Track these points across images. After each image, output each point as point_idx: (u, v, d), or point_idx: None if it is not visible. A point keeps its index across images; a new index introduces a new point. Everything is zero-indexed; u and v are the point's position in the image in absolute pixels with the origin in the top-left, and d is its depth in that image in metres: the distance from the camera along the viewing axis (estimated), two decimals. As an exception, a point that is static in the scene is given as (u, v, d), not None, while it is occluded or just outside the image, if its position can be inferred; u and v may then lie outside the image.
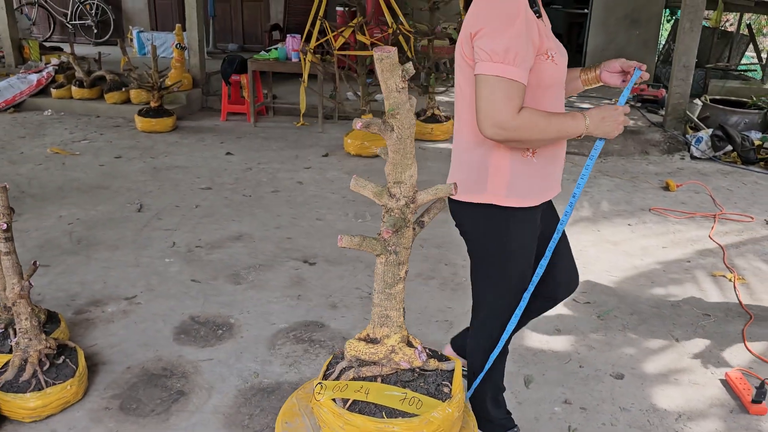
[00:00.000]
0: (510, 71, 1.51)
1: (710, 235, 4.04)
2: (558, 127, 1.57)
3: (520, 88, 1.53)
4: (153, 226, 4.00)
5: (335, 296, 3.18)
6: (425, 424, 1.41)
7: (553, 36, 1.69)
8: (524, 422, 2.30)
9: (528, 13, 1.55)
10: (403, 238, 1.46)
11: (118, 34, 10.17)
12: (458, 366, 1.59)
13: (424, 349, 1.58)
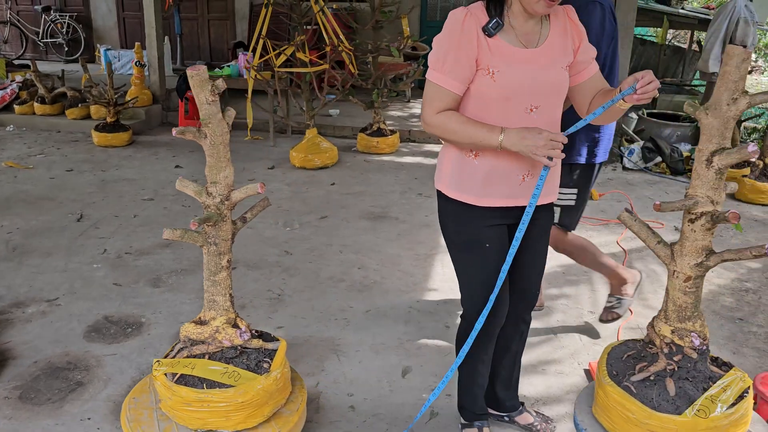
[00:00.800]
0: (437, 77, 1.79)
1: (618, 240, 4.28)
2: (471, 134, 1.78)
3: (444, 92, 1.81)
4: (88, 235, 4.20)
5: (246, 297, 3.39)
6: (240, 393, 1.62)
7: (529, 57, 1.79)
8: (391, 407, 2.51)
9: (468, 31, 1.77)
10: (221, 231, 1.68)
11: (88, 52, 10.41)
12: (282, 346, 1.80)
13: (249, 330, 1.79)
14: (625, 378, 1.71)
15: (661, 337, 1.69)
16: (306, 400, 1.87)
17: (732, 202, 5.16)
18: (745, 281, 3.70)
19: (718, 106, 1.49)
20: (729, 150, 1.55)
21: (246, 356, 1.72)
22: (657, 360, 1.69)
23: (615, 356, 1.77)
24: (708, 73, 5.55)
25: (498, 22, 1.78)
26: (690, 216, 1.60)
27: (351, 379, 2.68)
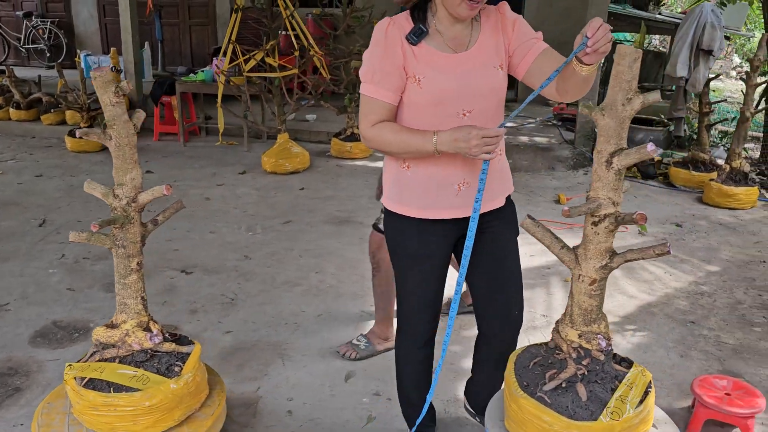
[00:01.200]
0: (369, 89, 1.78)
1: (580, 244, 4.29)
2: (406, 142, 1.74)
3: (377, 104, 1.78)
4: (49, 240, 4.18)
5: (198, 302, 3.38)
6: (147, 397, 1.61)
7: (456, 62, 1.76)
8: (330, 411, 2.50)
9: (391, 40, 1.74)
10: (129, 233, 1.68)
11: (70, 58, 10.39)
12: (196, 349, 1.79)
13: (162, 333, 1.78)
14: (537, 388, 1.70)
15: (568, 342, 1.68)
16: (224, 403, 1.86)
17: (699, 205, 5.18)
18: (702, 284, 3.71)
19: (613, 107, 1.50)
20: (628, 150, 1.55)
21: (157, 360, 1.72)
22: (566, 366, 1.68)
23: (521, 365, 1.74)
24: (675, 77, 5.56)
25: (420, 29, 1.75)
26: (593, 219, 1.59)
27: (293, 384, 2.67)
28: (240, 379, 2.70)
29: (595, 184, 1.56)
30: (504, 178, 2.00)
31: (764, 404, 2.34)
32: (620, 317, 3.31)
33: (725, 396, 2.37)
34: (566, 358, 1.69)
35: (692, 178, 5.54)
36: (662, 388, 2.70)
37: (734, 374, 2.80)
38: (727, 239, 4.44)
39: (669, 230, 4.60)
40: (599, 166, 1.54)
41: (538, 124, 7.74)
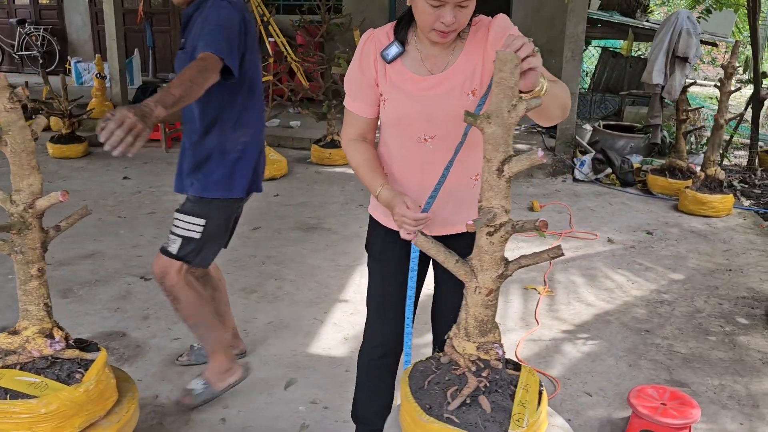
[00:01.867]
0: (347, 101, 1.80)
1: (546, 251, 4.25)
2: (362, 175, 1.78)
3: (354, 117, 1.79)
4: (14, 246, 4.19)
5: (152, 309, 3.37)
6: (44, 404, 1.60)
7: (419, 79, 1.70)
8: (264, 420, 2.48)
9: (366, 55, 1.73)
10: (28, 239, 1.68)
11: (63, 64, 10.47)
12: (101, 356, 1.78)
13: (65, 340, 1.78)
14: (442, 409, 1.64)
15: (466, 356, 1.65)
16: (134, 411, 1.84)
17: (674, 213, 5.15)
18: (663, 293, 3.67)
19: (499, 114, 1.47)
20: (518, 157, 1.53)
21: (58, 367, 1.71)
22: (467, 380, 1.65)
23: (416, 386, 1.68)
24: (652, 84, 5.54)
25: (396, 46, 1.70)
26: (488, 229, 1.57)
27: (231, 392, 2.65)
28: (179, 386, 2.68)
29: (487, 194, 1.54)
30: (472, 204, 1.82)
31: (698, 415, 2.30)
32: (574, 325, 3.28)
33: (660, 406, 2.34)
34: (465, 373, 1.66)
35: (669, 186, 5.51)
36: (605, 398, 2.67)
37: (680, 384, 2.77)
38: (696, 247, 4.40)
39: (639, 238, 4.57)
40: (490, 175, 1.52)
41: (522, 131, 7.72)
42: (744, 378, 2.83)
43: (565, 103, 1.64)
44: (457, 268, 1.63)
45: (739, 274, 3.94)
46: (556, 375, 2.82)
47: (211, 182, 2.33)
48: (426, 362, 1.72)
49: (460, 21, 1.60)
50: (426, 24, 1.60)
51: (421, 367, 1.70)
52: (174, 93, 1.82)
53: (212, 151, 2.31)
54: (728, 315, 3.42)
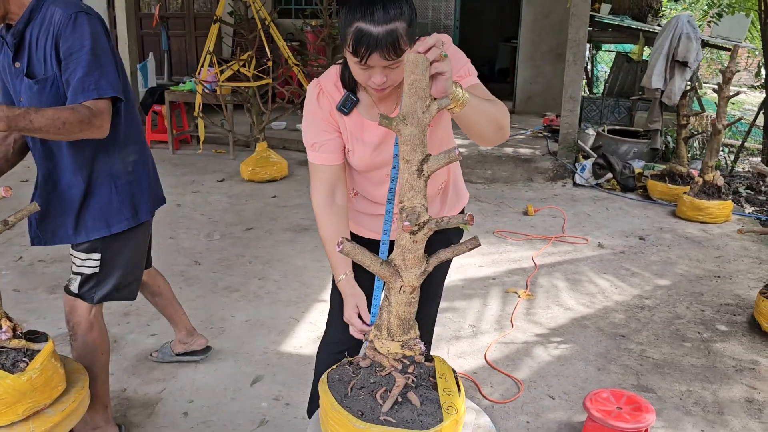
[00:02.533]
0: (310, 155, 1.75)
1: (534, 256, 4.25)
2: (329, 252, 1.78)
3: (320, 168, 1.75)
4: (12, 242, 4.32)
5: (134, 305, 3.44)
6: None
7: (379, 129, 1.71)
8: (225, 414, 2.54)
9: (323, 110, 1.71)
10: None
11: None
12: (47, 347, 1.85)
13: (12, 330, 1.85)
14: (376, 412, 1.66)
15: (392, 355, 1.67)
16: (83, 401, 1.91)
17: (671, 219, 5.09)
18: (646, 298, 3.64)
19: (414, 115, 1.50)
20: (435, 156, 1.55)
21: (4, 356, 1.78)
22: (394, 379, 1.68)
23: (340, 395, 1.68)
24: (651, 89, 5.49)
25: (350, 98, 1.70)
26: (414, 228, 1.59)
27: (198, 387, 2.72)
28: (148, 381, 2.76)
29: (408, 193, 1.56)
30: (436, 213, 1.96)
31: (653, 420, 2.29)
32: (549, 329, 3.27)
33: (615, 410, 2.33)
34: (391, 372, 1.68)
35: (669, 191, 5.45)
36: (567, 401, 2.67)
37: (646, 389, 2.75)
38: (688, 253, 4.35)
39: (631, 243, 4.53)
40: (410, 176, 1.54)
41: (528, 135, 7.70)
42: (713, 385, 2.80)
43: (500, 122, 1.62)
44: (381, 270, 1.65)
45: (727, 281, 3.89)
46: (523, 378, 2.83)
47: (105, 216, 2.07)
48: (340, 369, 1.72)
49: (393, 79, 1.59)
50: (360, 81, 1.61)
51: (336, 375, 1.70)
52: (36, 123, 1.73)
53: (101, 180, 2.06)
54: (708, 322, 3.38)
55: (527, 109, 9.02)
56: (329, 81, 1.74)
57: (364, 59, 1.51)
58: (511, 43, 10.74)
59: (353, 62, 1.56)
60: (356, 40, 1.49)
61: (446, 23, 9.21)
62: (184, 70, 10.56)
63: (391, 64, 1.54)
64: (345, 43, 1.54)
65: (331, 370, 1.72)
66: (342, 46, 1.59)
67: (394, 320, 1.68)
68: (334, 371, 1.72)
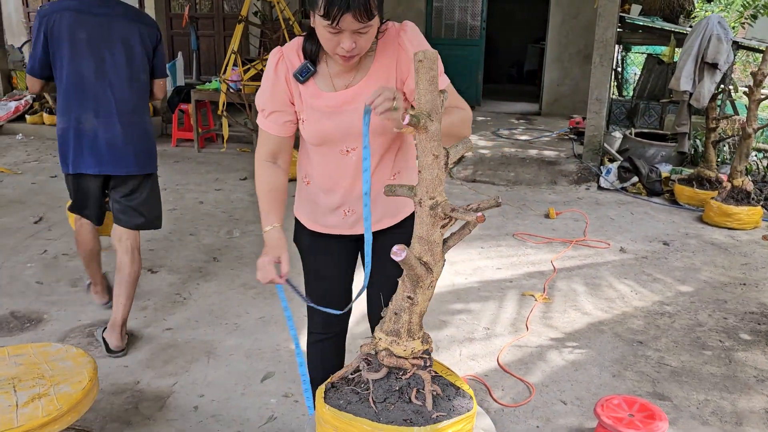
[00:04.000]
0: (260, 120, 1.79)
1: (552, 259, 4.19)
2: (261, 203, 1.83)
3: (265, 135, 1.79)
4: (38, 236, 4.42)
5: (152, 300, 3.50)
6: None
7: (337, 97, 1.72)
8: (234, 409, 2.55)
9: (279, 77, 1.72)
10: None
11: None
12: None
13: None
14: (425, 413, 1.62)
15: (414, 354, 1.65)
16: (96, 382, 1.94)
17: (698, 224, 4.98)
18: (667, 305, 3.56)
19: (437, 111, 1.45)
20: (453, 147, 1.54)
21: None
22: (421, 378, 1.66)
23: (370, 414, 1.58)
24: (679, 91, 5.37)
25: (308, 67, 1.70)
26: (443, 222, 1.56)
27: (209, 382, 2.74)
28: (161, 374, 2.79)
29: (438, 188, 1.53)
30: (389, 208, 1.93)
31: (665, 428, 2.24)
32: (564, 333, 3.22)
33: (627, 417, 2.28)
34: (416, 372, 1.67)
35: (696, 196, 5.33)
36: (580, 407, 2.62)
37: (662, 397, 2.69)
38: (713, 260, 4.24)
39: (654, 248, 4.44)
40: (440, 170, 1.52)
41: (553, 137, 7.61)
42: (732, 395, 2.72)
43: (461, 133, 1.70)
44: (420, 272, 1.60)
45: (753, 289, 3.79)
46: (535, 382, 2.79)
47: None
48: (348, 395, 1.67)
49: (361, 45, 1.58)
50: (327, 48, 1.60)
51: (341, 401, 1.65)
52: None
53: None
54: (731, 330, 3.29)
55: (554, 111, 8.92)
56: (291, 49, 1.74)
57: (336, 20, 1.50)
58: (539, 44, 10.65)
59: (323, 26, 1.55)
60: (328, 1, 1.48)
61: (473, 24, 9.16)
62: (213, 70, 10.68)
63: (360, 28, 1.53)
64: (315, 7, 1.53)
65: (331, 397, 1.67)
66: (311, 12, 1.58)
67: (416, 319, 1.66)
68: (335, 397, 1.67)
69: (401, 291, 1.64)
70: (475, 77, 9.30)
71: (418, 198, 1.53)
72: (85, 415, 2.22)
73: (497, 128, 8.03)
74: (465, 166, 6.38)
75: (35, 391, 1.86)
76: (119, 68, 2.76)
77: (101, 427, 2.43)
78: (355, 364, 1.75)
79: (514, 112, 9.27)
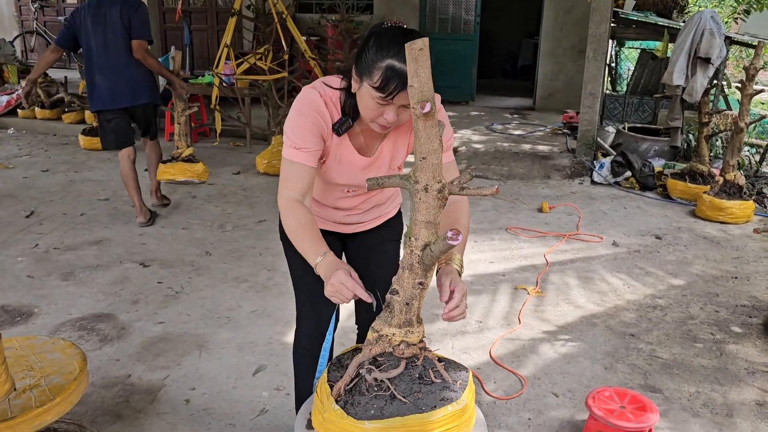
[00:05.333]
0: (292, 153, 1.70)
1: (545, 252, 4.20)
2: (302, 238, 1.67)
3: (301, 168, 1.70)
4: (30, 230, 4.40)
5: (144, 293, 3.48)
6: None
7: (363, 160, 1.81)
8: (226, 402, 2.55)
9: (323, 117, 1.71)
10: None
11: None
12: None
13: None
14: (449, 387, 1.60)
15: (424, 340, 1.64)
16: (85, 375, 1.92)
17: (690, 218, 4.99)
18: (659, 298, 3.57)
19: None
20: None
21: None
22: (428, 358, 1.64)
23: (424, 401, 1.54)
24: (672, 85, 5.38)
25: (348, 122, 1.74)
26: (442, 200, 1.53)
27: (201, 375, 2.73)
28: (152, 368, 2.78)
29: (441, 171, 1.52)
30: (389, 206, 2.11)
31: (656, 420, 2.24)
32: (557, 326, 3.23)
33: (618, 409, 2.29)
34: (425, 355, 1.65)
35: (688, 190, 5.34)
36: (571, 399, 2.63)
37: (653, 389, 2.70)
38: (705, 253, 4.26)
39: (647, 242, 4.45)
40: (443, 153, 1.51)
41: (547, 132, 7.61)
42: (723, 387, 2.73)
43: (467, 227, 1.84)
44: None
45: (745, 282, 3.80)
46: (527, 374, 2.79)
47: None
48: (371, 402, 1.54)
49: (402, 118, 1.65)
50: (369, 117, 1.64)
51: (371, 411, 1.57)
52: None
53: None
54: (722, 323, 3.30)
55: (548, 106, 8.93)
56: (334, 95, 1.74)
57: (392, 96, 1.56)
58: (534, 39, 10.63)
59: (373, 97, 1.59)
60: (387, 76, 1.53)
61: (467, 19, 9.14)
62: (206, 64, 10.61)
63: (407, 103, 1.59)
64: (369, 78, 1.57)
65: (353, 413, 1.51)
66: (359, 78, 1.60)
67: (415, 304, 1.63)
68: (355, 412, 1.51)
69: (411, 279, 1.57)
70: (470, 72, 9.29)
71: (423, 184, 1.50)
72: (75, 408, 2.21)
73: (491, 123, 8.03)
74: (459, 161, 6.38)
75: (26, 383, 1.86)
76: (110, 41, 4.19)
77: (92, 421, 2.42)
78: (353, 372, 1.67)
79: (508, 107, 9.26)
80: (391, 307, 1.67)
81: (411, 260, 1.58)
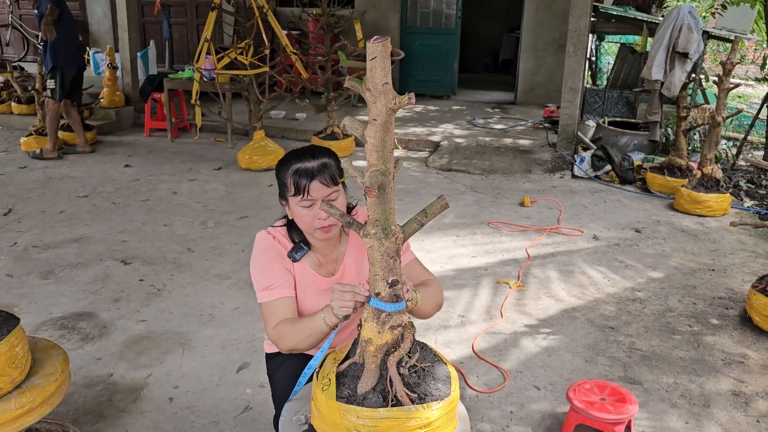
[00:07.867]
0: (267, 295, 1.75)
1: (527, 246, 4.24)
2: (301, 328, 1.67)
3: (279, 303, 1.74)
4: (8, 228, 4.34)
5: (125, 291, 3.46)
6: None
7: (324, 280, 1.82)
8: (210, 400, 2.54)
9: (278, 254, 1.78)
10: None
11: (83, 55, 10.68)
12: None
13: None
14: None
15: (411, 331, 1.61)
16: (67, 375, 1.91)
17: (669, 211, 5.06)
18: (638, 291, 3.63)
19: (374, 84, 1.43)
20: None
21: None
22: (427, 348, 1.62)
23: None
24: (651, 80, 5.44)
25: (301, 246, 1.80)
26: None
27: (184, 373, 2.72)
28: (135, 366, 2.77)
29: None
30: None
31: (635, 411, 2.29)
32: (538, 320, 3.27)
33: (598, 401, 2.33)
34: (417, 346, 1.61)
35: (667, 184, 5.41)
36: (552, 392, 2.67)
37: (633, 381, 2.75)
38: (683, 246, 4.32)
39: (626, 235, 4.51)
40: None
41: (528, 126, 7.66)
42: (700, 378, 2.79)
43: (439, 302, 1.82)
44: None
45: (722, 275, 3.87)
46: (509, 368, 2.82)
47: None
48: (377, 395, 1.50)
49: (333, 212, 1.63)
50: (308, 226, 1.72)
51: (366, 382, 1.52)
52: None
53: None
54: (700, 315, 3.36)
55: (529, 100, 8.98)
56: (279, 233, 1.84)
57: (306, 191, 1.66)
58: (515, 33, 10.68)
59: (297, 204, 1.69)
60: (296, 177, 1.68)
61: (448, 13, 9.14)
62: (186, 59, 10.51)
63: (330, 193, 1.69)
64: (287, 191, 1.71)
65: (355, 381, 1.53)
66: (285, 202, 1.75)
67: None
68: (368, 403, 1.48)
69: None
70: (451, 66, 9.30)
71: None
72: (57, 408, 2.20)
73: (473, 117, 8.06)
74: (441, 156, 6.40)
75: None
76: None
77: (74, 420, 2.40)
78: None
79: (490, 101, 9.30)
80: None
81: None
